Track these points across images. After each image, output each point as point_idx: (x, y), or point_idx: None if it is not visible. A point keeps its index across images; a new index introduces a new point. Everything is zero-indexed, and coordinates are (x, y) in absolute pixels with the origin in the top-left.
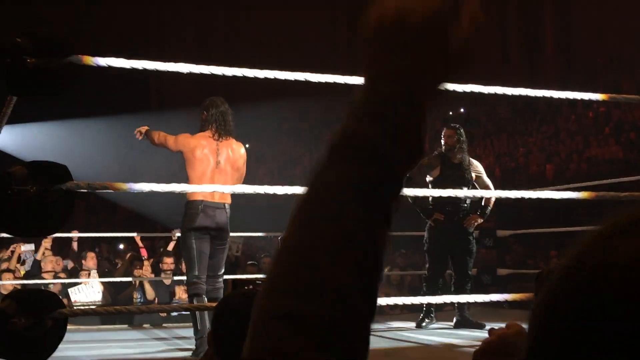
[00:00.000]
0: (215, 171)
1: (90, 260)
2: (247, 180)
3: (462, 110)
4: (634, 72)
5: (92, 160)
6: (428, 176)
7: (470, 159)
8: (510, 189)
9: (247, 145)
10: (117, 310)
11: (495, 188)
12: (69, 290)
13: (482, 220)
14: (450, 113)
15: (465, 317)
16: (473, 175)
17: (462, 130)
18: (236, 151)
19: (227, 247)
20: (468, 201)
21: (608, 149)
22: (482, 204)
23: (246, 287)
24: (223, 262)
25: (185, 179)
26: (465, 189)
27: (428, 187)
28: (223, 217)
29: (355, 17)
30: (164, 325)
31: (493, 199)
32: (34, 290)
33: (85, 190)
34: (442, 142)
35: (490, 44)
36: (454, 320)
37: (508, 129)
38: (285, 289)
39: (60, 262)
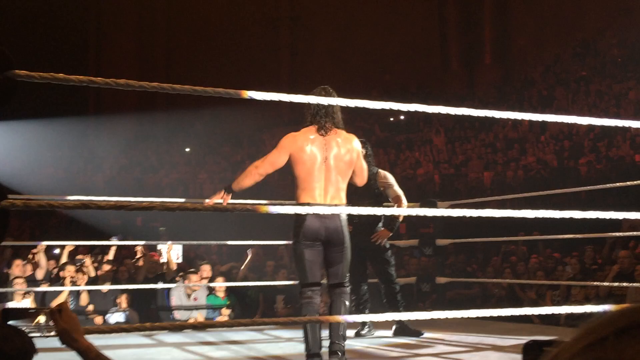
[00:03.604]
0: (322, 168)
1: (16, 268)
2: (187, 185)
3: (402, 117)
4: (568, 81)
5: (30, 162)
6: None
7: (380, 170)
8: (449, 196)
9: (187, 149)
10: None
11: (435, 195)
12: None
13: (391, 234)
14: (391, 119)
15: (404, 325)
16: (382, 187)
17: (368, 145)
18: (343, 145)
19: (346, 253)
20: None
21: (544, 157)
22: (391, 217)
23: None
24: (345, 268)
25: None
26: (373, 200)
27: None
28: (336, 222)
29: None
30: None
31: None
32: None
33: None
34: None
35: (432, 52)
36: (393, 328)
37: (447, 135)
38: None
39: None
